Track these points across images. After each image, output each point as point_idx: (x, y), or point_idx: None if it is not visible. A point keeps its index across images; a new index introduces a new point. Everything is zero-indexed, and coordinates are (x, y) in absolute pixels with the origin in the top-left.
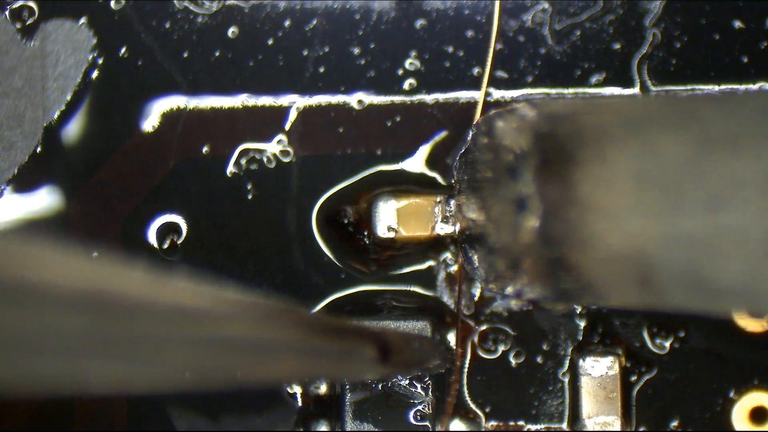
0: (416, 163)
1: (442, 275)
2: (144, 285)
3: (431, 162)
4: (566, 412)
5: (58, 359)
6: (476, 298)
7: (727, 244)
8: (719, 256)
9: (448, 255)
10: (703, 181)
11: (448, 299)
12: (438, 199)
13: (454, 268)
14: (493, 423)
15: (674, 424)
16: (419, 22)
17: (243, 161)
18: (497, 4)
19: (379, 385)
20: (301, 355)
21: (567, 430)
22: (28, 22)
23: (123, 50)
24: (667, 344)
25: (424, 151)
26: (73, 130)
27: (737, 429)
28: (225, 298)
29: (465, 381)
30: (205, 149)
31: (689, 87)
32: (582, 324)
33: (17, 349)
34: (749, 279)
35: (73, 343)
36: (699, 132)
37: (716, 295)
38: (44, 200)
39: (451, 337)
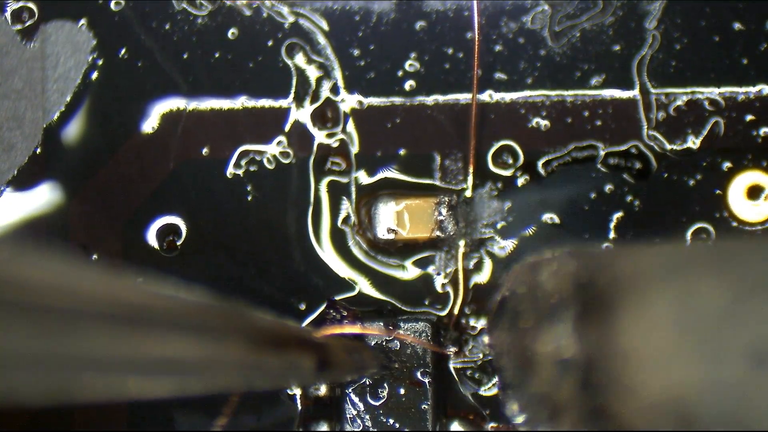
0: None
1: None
2: (80, 278)
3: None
4: None
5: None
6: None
7: None
8: (761, 404)
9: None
10: (743, 328)
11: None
12: (438, 201)
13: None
14: (493, 424)
15: None
16: (419, 24)
17: (243, 163)
18: (475, 4)
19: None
20: (240, 366)
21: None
22: (28, 24)
23: (123, 51)
24: None
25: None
26: (72, 131)
27: None
28: (166, 297)
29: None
30: (204, 151)
31: (689, 89)
32: None
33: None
34: None
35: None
36: (738, 278)
37: None
38: (44, 201)
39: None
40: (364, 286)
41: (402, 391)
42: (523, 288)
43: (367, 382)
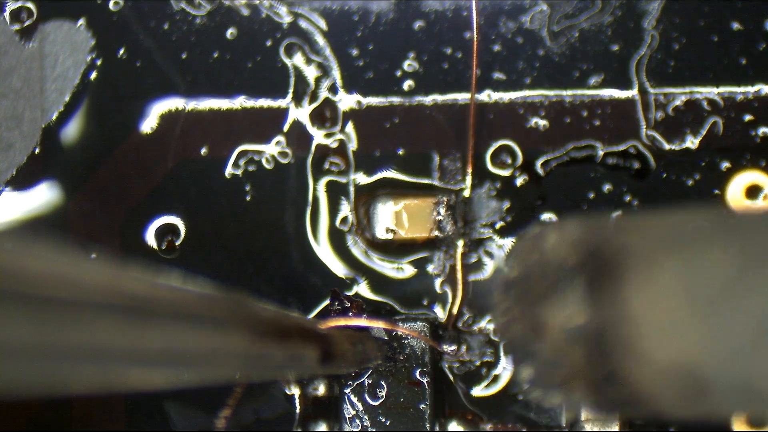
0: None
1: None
2: (91, 275)
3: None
4: (564, 414)
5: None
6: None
7: None
8: None
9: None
10: (750, 296)
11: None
12: (436, 201)
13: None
14: (491, 425)
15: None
16: (417, 24)
17: (241, 162)
18: (474, 4)
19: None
20: (244, 357)
21: (566, 430)
22: (27, 23)
23: (121, 51)
24: None
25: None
26: (71, 131)
27: None
28: (168, 288)
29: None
30: (203, 150)
31: (687, 89)
32: None
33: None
34: None
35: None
36: (745, 247)
37: None
38: (43, 201)
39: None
40: (362, 286)
41: (401, 391)
42: (529, 257)
43: (366, 382)
